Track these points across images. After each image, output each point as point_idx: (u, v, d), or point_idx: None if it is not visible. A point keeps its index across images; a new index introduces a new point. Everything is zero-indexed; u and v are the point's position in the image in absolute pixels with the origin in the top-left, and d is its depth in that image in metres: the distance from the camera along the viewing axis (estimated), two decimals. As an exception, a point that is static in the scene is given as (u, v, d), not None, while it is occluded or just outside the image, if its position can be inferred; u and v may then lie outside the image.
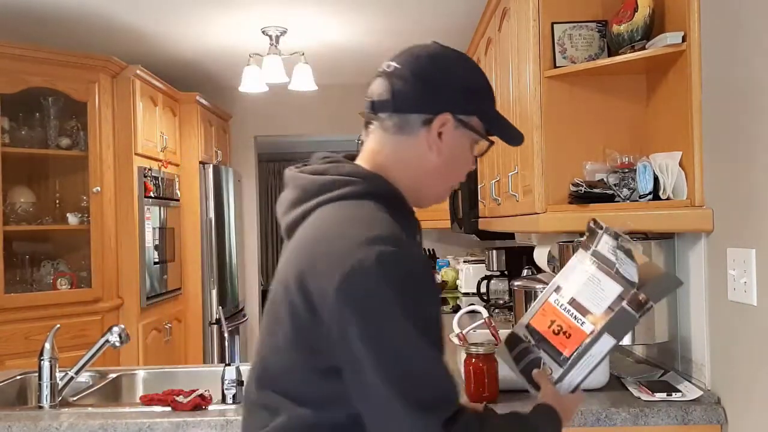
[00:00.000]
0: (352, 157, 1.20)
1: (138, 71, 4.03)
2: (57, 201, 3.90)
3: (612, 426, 1.65)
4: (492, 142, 1.20)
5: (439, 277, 4.81)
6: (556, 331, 1.32)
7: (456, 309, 3.30)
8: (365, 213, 1.06)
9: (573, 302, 1.32)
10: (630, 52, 1.91)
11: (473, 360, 1.74)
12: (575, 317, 1.31)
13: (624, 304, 1.26)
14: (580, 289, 1.31)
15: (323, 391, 1.03)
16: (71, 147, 3.85)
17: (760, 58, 1.47)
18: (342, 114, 5.73)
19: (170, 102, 4.71)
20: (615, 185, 1.93)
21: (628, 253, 1.30)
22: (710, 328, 1.75)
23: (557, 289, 1.35)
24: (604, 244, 1.33)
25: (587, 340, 1.27)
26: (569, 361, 1.27)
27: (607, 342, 1.26)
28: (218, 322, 4.90)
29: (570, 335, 1.29)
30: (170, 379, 2.30)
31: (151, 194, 4.19)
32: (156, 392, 1.91)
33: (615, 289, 1.28)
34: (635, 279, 1.28)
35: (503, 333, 1.62)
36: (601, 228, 1.35)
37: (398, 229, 1.04)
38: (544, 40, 2.06)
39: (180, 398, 1.79)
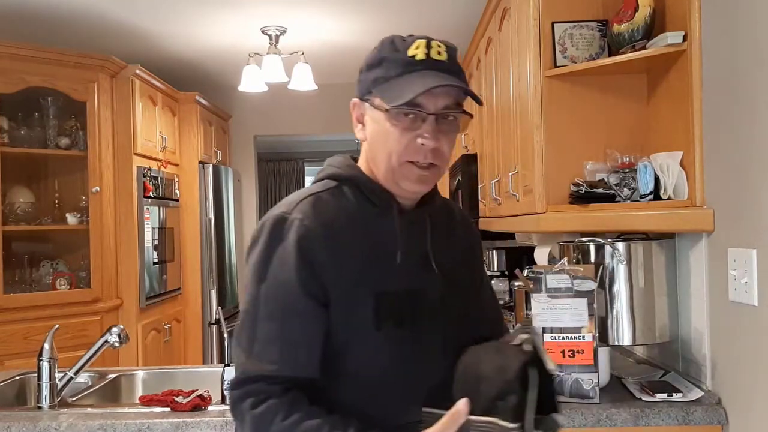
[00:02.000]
0: None
1: (137, 71, 4.02)
2: (56, 201, 3.90)
3: (612, 426, 1.64)
4: (388, 110, 1.14)
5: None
6: (572, 355, 1.71)
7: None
8: (305, 188, 1.22)
9: (564, 330, 1.72)
10: (630, 52, 1.91)
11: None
12: (575, 336, 1.71)
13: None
14: (563, 319, 1.71)
15: None
16: (70, 147, 3.84)
17: (760, 57, 1.46)
18: (342, 113, 5.66)
19: (170, 102, 4.70)
20: (616, 185, 1.92)
21: (577, 273, 1.72)
22: (711, 328, 1.74)
23: (543, 331, 1.71)
24: (552, 281, 1.72)
25: (595, 344, 1.72)
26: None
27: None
28: (218, 322, 4.90)
29: (583, 350, 1.70)
30: (169, 380, 2.29)
31: (151, 194, 4.18)
32: (155, 393, 1.91)
33: (584, 301, 1.71)
34: (593, 286, 1.70)
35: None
36: (541, 272, 1.73)
37: (312, 198, 1.17)
38: (544, 39, 2.06)
39: (179, 399, 1.79)
